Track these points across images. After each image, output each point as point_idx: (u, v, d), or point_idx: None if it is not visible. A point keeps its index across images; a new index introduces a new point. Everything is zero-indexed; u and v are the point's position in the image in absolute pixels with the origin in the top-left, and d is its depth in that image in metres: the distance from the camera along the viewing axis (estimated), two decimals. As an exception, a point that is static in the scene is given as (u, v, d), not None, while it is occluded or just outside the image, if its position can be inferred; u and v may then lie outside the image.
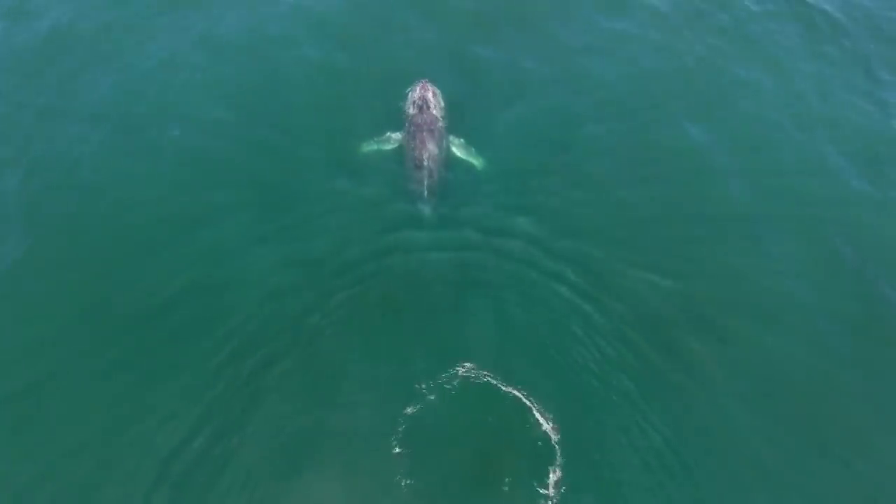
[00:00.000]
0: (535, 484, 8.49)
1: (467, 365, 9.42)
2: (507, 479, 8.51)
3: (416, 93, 12.30)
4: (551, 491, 8.43)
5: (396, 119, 12.31)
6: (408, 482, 8.43)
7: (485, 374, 9.34)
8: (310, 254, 10.53)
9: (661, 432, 8.90)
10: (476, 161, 11.90)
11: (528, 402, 9.11)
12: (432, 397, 9.12)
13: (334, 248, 10.58)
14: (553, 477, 8.54)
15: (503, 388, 9.22)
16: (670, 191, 11.79)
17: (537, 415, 9.03)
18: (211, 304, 9.86)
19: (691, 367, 9.55)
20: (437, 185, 11.37)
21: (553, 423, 8.95)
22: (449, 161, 11.91)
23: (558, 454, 8.70)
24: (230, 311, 9.75)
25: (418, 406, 9.05)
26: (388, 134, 12.11)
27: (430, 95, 12.22)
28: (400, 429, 8.84)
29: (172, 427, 8.64)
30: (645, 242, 10.97)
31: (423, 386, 9.21)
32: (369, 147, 11.99)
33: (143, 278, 10.09)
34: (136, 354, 9.31)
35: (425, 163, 11.44)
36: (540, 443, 8.81)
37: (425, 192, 11.24)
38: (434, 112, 12.11)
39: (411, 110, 12.13)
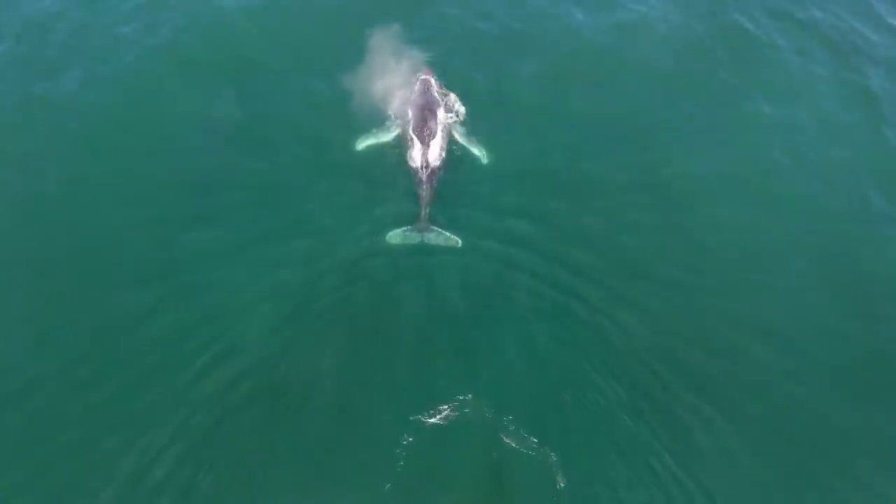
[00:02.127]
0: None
1: (468, 397, 8.84)
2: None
3: (417, 78, 12.32)
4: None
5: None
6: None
7: (485, 409, 8.74)
8: (298, 257, 10.19)
9: (672, 470, 8.35)
10: (478, 151, 11.60)
11: (531, 439, 8.50)
12: (429, 431, 8.54)
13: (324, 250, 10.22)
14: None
15: (506, 424, 8.63)
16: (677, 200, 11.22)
17: (539, 450, 8.42)
18: (193, 313, 9.51)
19: (701, 397, 9.02)
20: (437, 164, 11.20)
21: (557, 463, 8.31)
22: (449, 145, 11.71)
23: (562, 496, 8.11)
24: (212, 322, 9.41)
25: (413, 440, 8.46)
26: (387, 123, 11.92)
27: (431, 79, 12.27)
28: (393, 464, 8.26)
29: (141, 446, 8.32)
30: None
31: (419, 418, 8.65)
32: (367, 142, 11.65)
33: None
34: (111, 366, 9.03)
35: (426, 140, 11.33)
36: (542, 481, 8.22)
37: (423, 166, 11.07)
38: (435, 95, 12.06)
39: (412, 94, 12.06)
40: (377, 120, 11.92)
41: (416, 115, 11.66)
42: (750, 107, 12.60)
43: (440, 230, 10.45)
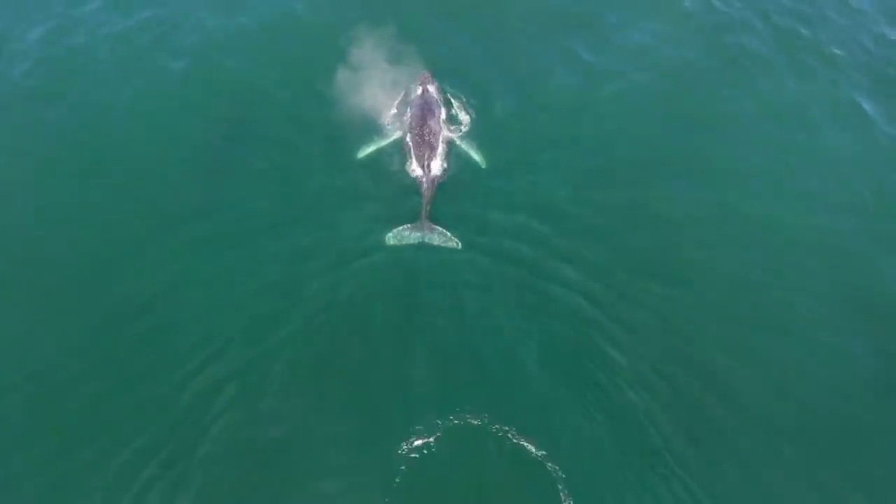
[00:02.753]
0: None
1: (466, 409, 8.67)
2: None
3: (417, 82, 12.56)
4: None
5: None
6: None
7: (485, 414, 8.63)
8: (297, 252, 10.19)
9: (674, 472, 8.27)
10: (477, 156, 11.70)
11: (535, 452, 8.34)
12: (428, 441, 8.37)
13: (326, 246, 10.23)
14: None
15: (509, 439, 8.46)
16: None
17: (543, 462, 8.26)
18: (191, 311, 9.47)
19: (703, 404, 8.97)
20: (438, 165, 11.30)
21: (562, 478, 8.15)
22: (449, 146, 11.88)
23: None
24: (208, 319, 9.35)
25: (412, 454, 8.27)
26: (388, 127, 12.06)
27: (430, 83, 12.51)
28: (391, 476, 8.08)
29: (137, 444, 8.22)
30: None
31: (418, 427, 8.46)
32: (369, 149, 11.72)
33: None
34: (103, 363, 8.95)
35: (426, 140, 11.46)
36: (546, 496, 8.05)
37: (424, 166, 11.16)
38: (434, 97, 12.27)
39: (412, 97, 12.30)
40: (377, 124, 12.07)
41: (416, 115, 11.87)
42: (749, 111, 12.86)
43: (441, 229, 10.48)
